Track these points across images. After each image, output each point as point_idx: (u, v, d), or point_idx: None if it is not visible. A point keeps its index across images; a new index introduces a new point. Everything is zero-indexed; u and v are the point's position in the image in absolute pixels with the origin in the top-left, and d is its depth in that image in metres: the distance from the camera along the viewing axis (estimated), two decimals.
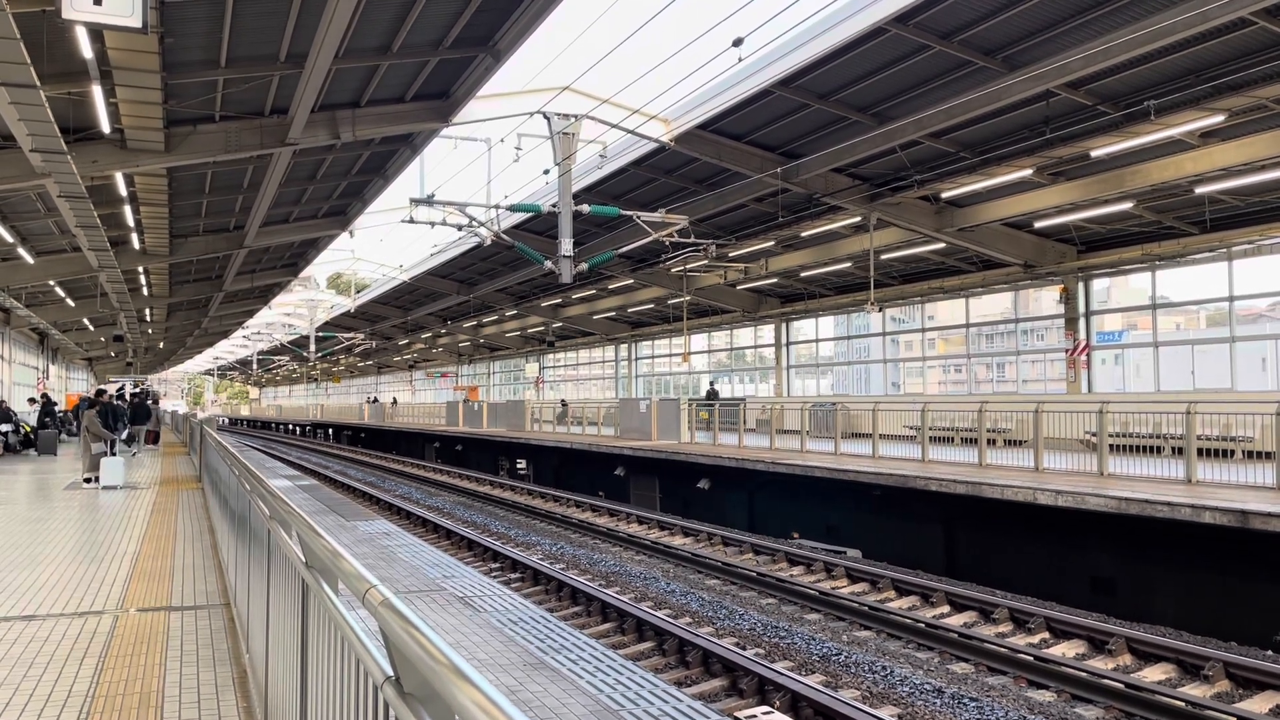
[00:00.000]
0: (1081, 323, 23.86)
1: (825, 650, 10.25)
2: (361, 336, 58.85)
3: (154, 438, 30.95)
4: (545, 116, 20.27)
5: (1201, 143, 17.27)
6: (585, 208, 20.80)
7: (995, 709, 8.50)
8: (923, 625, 11.20)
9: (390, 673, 1.88)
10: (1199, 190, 18.52)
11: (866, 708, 8.06)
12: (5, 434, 26.47)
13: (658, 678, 7.21)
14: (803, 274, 30.65)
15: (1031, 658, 9.83)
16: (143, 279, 30.44)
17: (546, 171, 21.11)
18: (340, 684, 2.46)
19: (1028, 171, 18.84)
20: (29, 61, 9.54)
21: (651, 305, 39.22)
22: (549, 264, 20.68)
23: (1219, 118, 15.45)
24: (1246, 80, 14.84)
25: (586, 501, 23.25)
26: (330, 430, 68.10)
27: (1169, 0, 13.21)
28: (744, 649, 10.28)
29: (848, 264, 28.24)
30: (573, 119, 20.15)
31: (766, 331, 37.07)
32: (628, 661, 7.50)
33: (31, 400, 32.45)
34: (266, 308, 50.16)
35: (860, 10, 15.08)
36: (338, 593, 2.70)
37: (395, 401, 62.76)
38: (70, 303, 32.31)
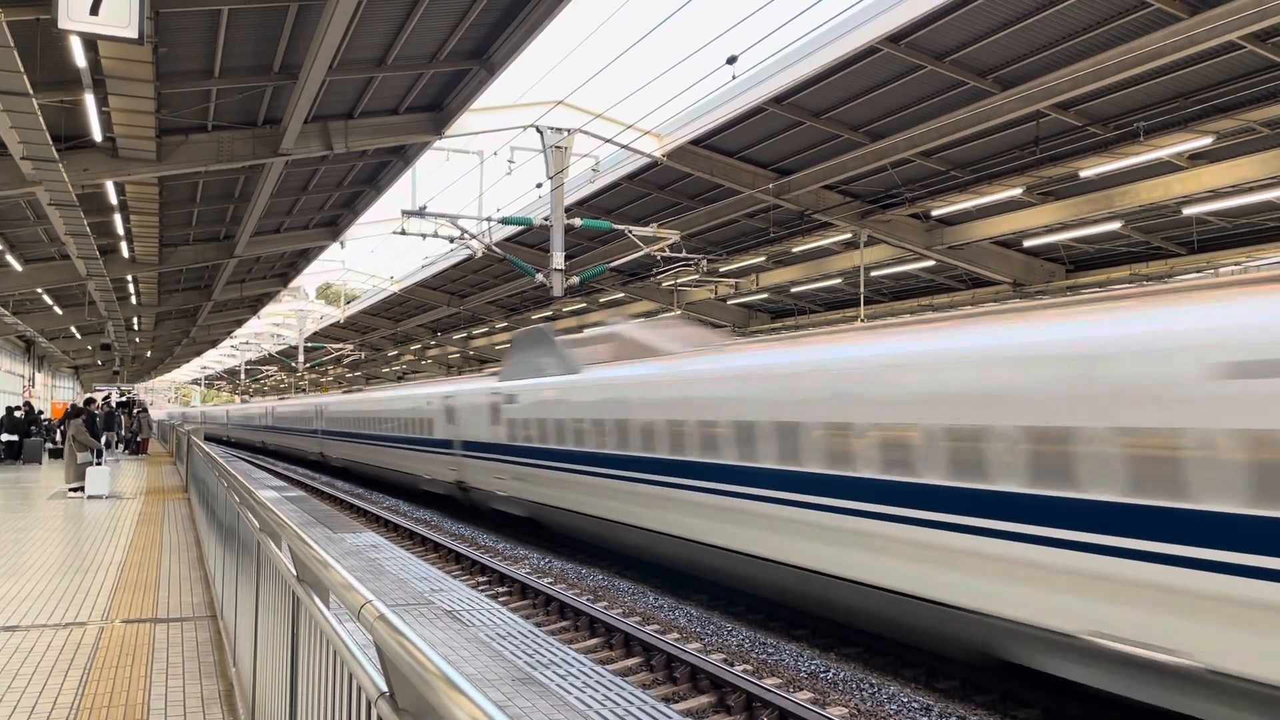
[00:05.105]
0: None
1: (813, 667, 10.22)
2: (351, 347, 58.71)
3: (144, 446, 30.81)
4: (538, 130, 20.32)
5: (1190, 164, 17.43)
6: (577, 221, 20.85)
7: None
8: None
9: (385, 689, 1.87)
10: (1187, 211, 18.67)
11: None
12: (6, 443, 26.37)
13: (645, 693, 7.19)
14: (793, 289, 30.74)
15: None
16: (131, 287, 30.33)
17: (539, 185, 21.14)
18: (332, 699, 2.45)
19: (1018, 190, 18.96)
20: (22, 69, 9.52)
21: (642, 319, 39.25)
22: (540, 277, 20.69)
23: (1207, 140, 15.60)
24: (1235, 103, 15.00)
25: None
26: None
27: (1158, 22, 13.35)
28: (732, 665, 10.25)
29: (838, 280, 28.34)
30: (566, 133, 20.20)
31: None
32: (615, 677, 7.48)
33: (18, 408, 32.24)
34: (255, 317, 49.99)
35: (853, 29, 15.19)
36: (329, 606, 2.68)
37: None
38: (58, 310, 32.15)
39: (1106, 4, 13.36)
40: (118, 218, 19.48)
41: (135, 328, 41.23)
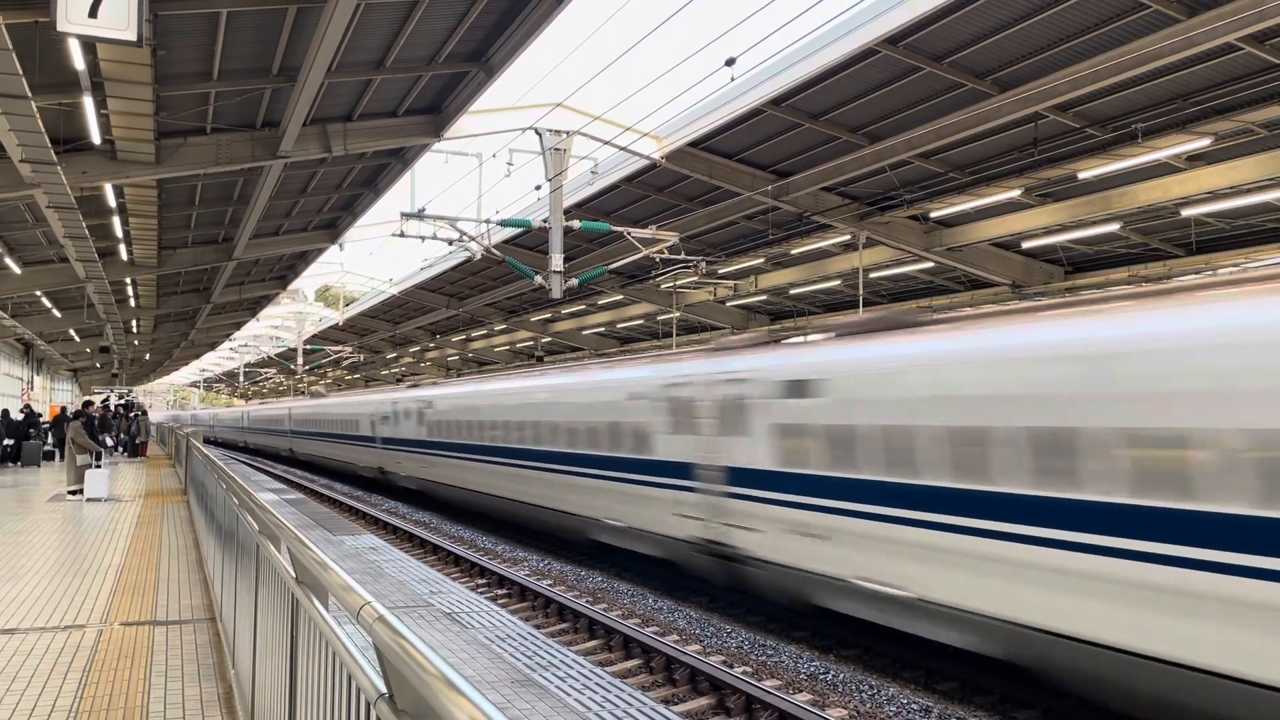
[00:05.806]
0: None
1: (813, 669, 10.22)
2: (349, 350, 58.68)
3: (143, 449, 30.78)
4: (537, 132, 20.32)
5: (1188, 166, 17.44)
6: (576, 223, 20.83)
7: None
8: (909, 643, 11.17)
9: (384, 690, 1.87)
10: (1185, 213, 18.68)
11: None
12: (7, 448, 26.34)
13: (645, 695, 7.18)
14: (792, 291, 30.75)
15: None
16: (130, 290, 30.29)
17: (538, 187, 21.12)
18: (331, 701, 2.45)
19: (1016, 192, 18.98)
20: (20, 72, 9.52)
21: (641, 321, 39.24)
22: (539, 279, 20.68)
23: (1205, 141, 15.62)
24: (1233, 104, 15.02)
25: None
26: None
27: (1156, 24, 13.37)
28: (731, 667, 10.25)
29: (837, 282, 28.35)
30: (564, 135, 20.20)
31: None
32: (615, 679, 7.48)
33: (23, 409, 32.19)
34: (254, 320, 49.95)
35: (852, 31, 15.20)
36: (328, 608, 2.68)
37: None
38: (56, 313, 32.11)
39: (1104, 6, 13.37)
40: (116, 220, 19.47)
41: (134, 330, 41.20)
